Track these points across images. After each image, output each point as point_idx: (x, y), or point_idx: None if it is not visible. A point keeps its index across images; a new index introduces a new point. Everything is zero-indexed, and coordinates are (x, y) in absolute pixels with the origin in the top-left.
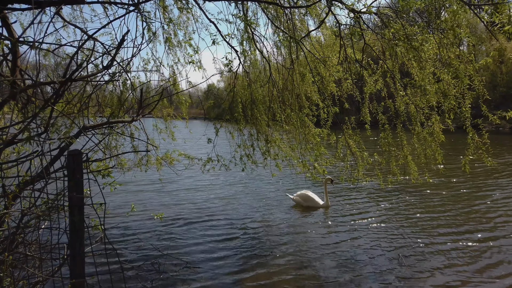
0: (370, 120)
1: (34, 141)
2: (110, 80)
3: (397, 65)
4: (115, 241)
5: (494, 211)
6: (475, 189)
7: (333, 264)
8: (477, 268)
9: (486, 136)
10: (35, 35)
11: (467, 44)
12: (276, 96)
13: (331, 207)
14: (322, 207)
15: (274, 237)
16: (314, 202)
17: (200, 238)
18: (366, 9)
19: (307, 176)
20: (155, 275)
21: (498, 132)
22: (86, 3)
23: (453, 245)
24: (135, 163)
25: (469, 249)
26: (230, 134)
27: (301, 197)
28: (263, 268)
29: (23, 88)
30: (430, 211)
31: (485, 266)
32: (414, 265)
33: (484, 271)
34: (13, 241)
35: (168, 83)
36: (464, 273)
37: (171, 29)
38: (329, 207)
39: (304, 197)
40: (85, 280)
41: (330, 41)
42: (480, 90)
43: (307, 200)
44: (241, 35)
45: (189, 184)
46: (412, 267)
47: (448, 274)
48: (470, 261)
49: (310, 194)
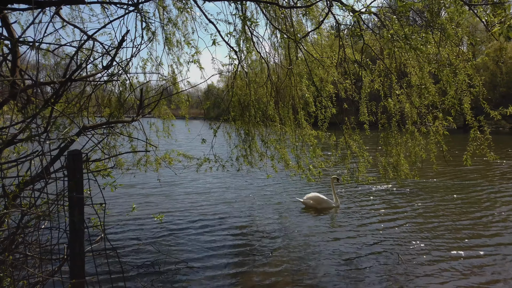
0: (369, 120)
1: (34, 141)
2: (110, 80)
3: (394, 64)
4: (115, 241)
5: (498, 214)
6: (482, 191)
7: (333, 264)
8: (477, 270)
9: (487, 132)
10: (35, 35)
11: (466, 44)
12: (275, 96)
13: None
14: (334, 207)
15: (274, 238)
16: (328, 203)
17: (200, 239)
18: (366, 9)
19: (302, 177)
20: (155, 275)
21: (498, 132)
22: (86, 3)
23: (459, 248)
24: (133, 163)
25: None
26: (227, 134)
27: (313, 200)
28: (263, 269)
29: (23, 88)
30: (436, 212)
31: (485, 266)
32: (413, 266)
33: (484, 272)
34: (13, 241)
35: (168, 82)
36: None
37: (170, 29)
38: (339, 206)
39: (318, 199)
40: (85, 280)
41: (329, 42)
42: (480, 88)
43: (321, 202)
44: (238, 35)
45: (190, 186)
46: (411, 268)
47: (450, 276)
48: (471, 264)
49: (322, 196)
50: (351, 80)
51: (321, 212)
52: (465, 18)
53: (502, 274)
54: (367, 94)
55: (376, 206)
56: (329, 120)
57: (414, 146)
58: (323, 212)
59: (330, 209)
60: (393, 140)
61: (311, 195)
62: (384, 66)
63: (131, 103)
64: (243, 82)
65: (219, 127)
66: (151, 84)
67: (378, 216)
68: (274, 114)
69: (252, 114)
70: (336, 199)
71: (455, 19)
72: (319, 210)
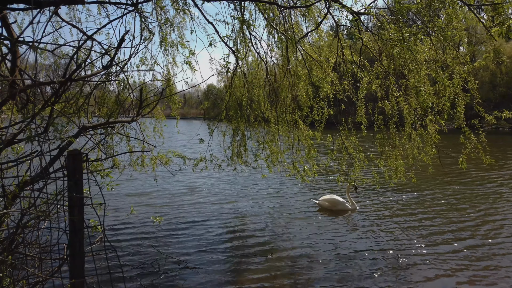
0: (366, 121)
1: (34, 141)
2: (108, 80)
3: (393, 66)
4: (115, 241)
5: (499, 214)
6: (486, 193)
7: (333, 265)
8: (477, 270)
9: (483, 135)
10: (34, 35)
11: (464, 46)
12: (271, 96)
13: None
14: (350, 210)
15: (274, 238)
16: (344, 206)
17: (200, 238)
18: (365, 10)
19: (297, 178)
20: (155, 275)
21: (497, 132)
22: (86, 3)
23: (464, 248)
24: (130, 163)
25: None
26: (226, 134)
27: (329, 202)
28: (263, 269)
29: (22, 88)
30: (437, 213)
31: (485, 267)
32: (414, 266)
33: (483, 273)
34: (12, 241)
35: (167, 83)
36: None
37: (167, 29)
38: (356, 209)
39: (334, 201)
40: (85, 280)
41: (327, 42)
42: (474, 92)
43: (336, 204)
44: (236, 36)
45: (190, 185)
46: (412, 268)
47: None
48: (472, 263)
49: (338, 198)
50: (349, 81)
51: (333, 214)
52: (463, 17)
53: (504, 274)
54: (364, 95)
55: (383, 207)
56: (327, 120)
57: (412, 149)
58: (335, 214)
59: (346, 212)
60: (389, 142)
61: (327, 197)
62: (381, 68)
63: (129, 103)
64: (241, 82)
65: (217, 127)
66: (147, 84)
67: (381, 217)
68: (270, 115)
69: (248, 114)
70: (352, 202)
71: (453, 21)
72: (334, 212)
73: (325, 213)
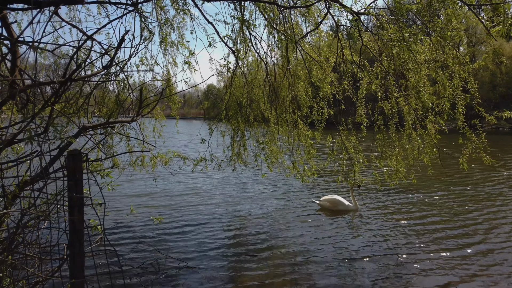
0: (367, 121)
1: (34, 141)
2: (108, 80)
3: (393, 66)
4: (115, 241)
5: (502, 214)
6: (488, 193)
7: (334, 265)
8: (479, 271)
9: (483, 136)
10: (34, 35)
11: (464, 46)
12: (270, 95)
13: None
14: (352, 210)
15: (274, 238)
16: (344, 206)
17: (200, 238)
18: (365, 10)
19: (297, 178)
20: (155, 275)
21: (498, 132)
22: (85, 3)
23: (468, 250)
24: (130, 163)
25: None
26: (226, 134)
27: (330, 202)
28: (263, 269)
29: (22, 88)
30: (438, 212)
31: (487, 268)
32: (414, 266)
33: (485, 273)
34: (12, 241)
35: (167, 83)
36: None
37: (167, 29)
38: (358, 210)
39: (334, 201)
40: (85, 280)
41: (327, 42)
42: (474, 92)
43: (337, 204)
44: (236, 36)
45: (190, 185)
46: (412, 269)
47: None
48: (473, 265)
49: (339, 198)
50: (348, 81)
51: (334, 214)
52: (463, 17)
53: (507, 275)
54: (364, 95)
55: (384, 207)
56: (327, 120)
57: (412, 149)
58: (336, 214)
59: (348, 212)
60: (389, 142)
61: (328, 197)
62: (381, 69)
63: (129, 103)
64: (241, 82)
65: (217, 127)
66: (147, 84)
67: (382, 217)
68: (269, 115)
69: (247, 114)
70: (355, 202)
71: (453, 21)
72: (335, 213)
73: (326, 213)
